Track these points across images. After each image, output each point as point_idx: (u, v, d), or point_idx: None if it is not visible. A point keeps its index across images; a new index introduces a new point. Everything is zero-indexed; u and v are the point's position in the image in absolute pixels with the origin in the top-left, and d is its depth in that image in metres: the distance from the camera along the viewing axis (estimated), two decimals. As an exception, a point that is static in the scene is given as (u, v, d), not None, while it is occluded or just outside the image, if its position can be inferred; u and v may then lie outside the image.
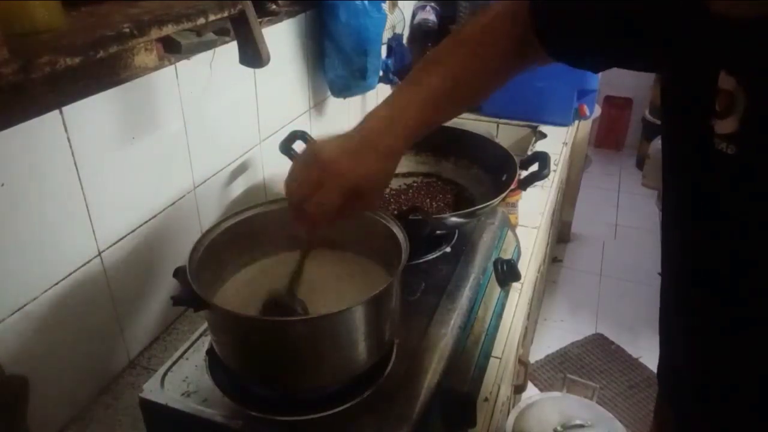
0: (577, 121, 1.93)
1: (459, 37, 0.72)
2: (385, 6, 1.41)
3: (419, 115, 0.65)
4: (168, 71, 0.88)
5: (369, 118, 0.66)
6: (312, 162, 0.63)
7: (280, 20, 1.16)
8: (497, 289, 1.00)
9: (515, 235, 1.16)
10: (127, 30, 0.63)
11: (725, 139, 0.46)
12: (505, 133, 1.84)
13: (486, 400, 0.94)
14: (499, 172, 1.08)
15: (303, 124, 1.31)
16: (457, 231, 1.04)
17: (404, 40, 1.84)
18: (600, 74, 1.88)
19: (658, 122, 2.96)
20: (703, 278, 0.55)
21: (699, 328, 0.58)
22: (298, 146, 1.11)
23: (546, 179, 1.10)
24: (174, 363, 0.76)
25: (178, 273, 0.68)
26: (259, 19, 0.86)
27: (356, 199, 0.62)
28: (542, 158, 1.06)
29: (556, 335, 2.40)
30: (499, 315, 0.98)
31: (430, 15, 1.92)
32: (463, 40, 0.71)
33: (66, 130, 0.72)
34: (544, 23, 0.65)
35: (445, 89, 0.67)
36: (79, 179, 0.75)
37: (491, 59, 0.69)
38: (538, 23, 0.65)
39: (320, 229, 0.66)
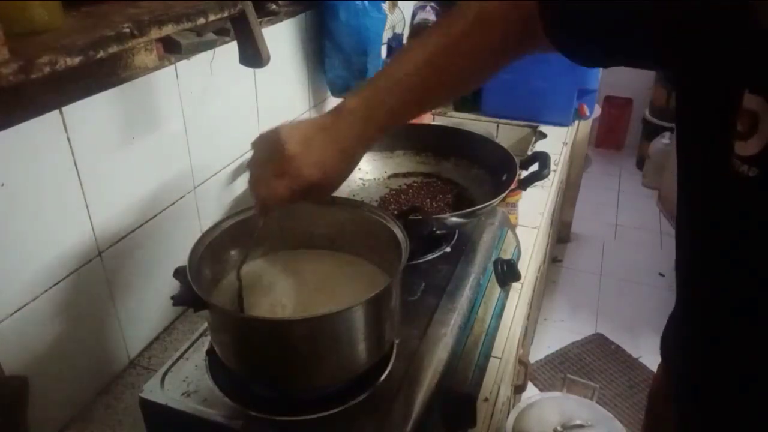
0: (577, 121, 1.93)
1: (446, 20, 0.68)
2: (385, 6, 1.41)
3: (395, 106, 0.64)
4: (168, 71, 0.88)
5: (343, 105, 0.65)
6: (276, 150, 0.63)
7: (280, 20, 1.16)
8: (497, 289, 1.00)
9: (515, 235, 1.16)
10: (127, 30, 0.63)
11: (746, 161, 0.44)
12: (505, 133, 1.84)
13: (486, 400, 0.94)
14: (499, 172, 1.08)
15: (303, 124, 1.31)
16: (457, 231, 1.04)
17: (404, 40, 1.84)
18: (600, 74, 1.89)
19: (658, 122, 2.97)
20: (721, 303, 0.53)
21: (714, 356, 0.57)
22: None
23: (546, 179, 1.11)
24: (174, 363, 0.76)
25: (178, 273, 0.67)
26: (259, 19, 0.86)
27: (309, 194, 0.65)
28: (542, 158, 1.07)
29: (556, 335, 2.40)
30: (499, 315, 0.98)
31: (430, 15, 1.92)
32: (451, 22, 0.67)
33: (66, 130, 0.72)
34: (554, 13, 0.61)
35: (425, 77, 0.65)
36: (79, 179, 0.75)
37: (481, 46, 0.66)
38: (547, 21, 0.61)
39: (269, 212, 0.68)
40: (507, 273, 1.00)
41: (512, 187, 1.00)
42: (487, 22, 0.65)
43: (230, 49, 0.96)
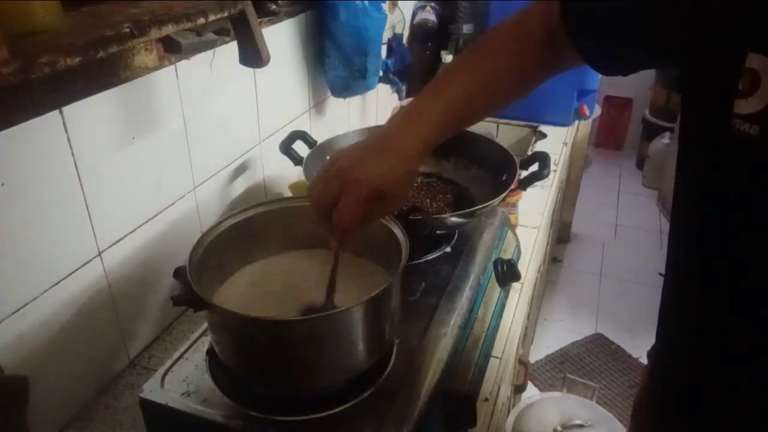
0: (577, 121, 1.93)
1: (483, 43, 0.72)
2: (385, 6, 1.41)
3: (438, 119, 0.66)
4: (168, 71, 0.88)
5: (388, 123, 0.67)
6: (331, 171, 0.64)
7: (280, 20, 1.16)
8: (497, 289, 1.00)
9: (515, 235, 1.16)
10: (127, 30, 0.63)
11: (748, 119, 0.45)
12: (505, 133, 1.84)
13: (486, 400, 0.94)
14: (499, 172, 1.08)
15: (303, 124, 1.31)
16: (457, 231, 1.04)
17: (404, 40, 1.84)
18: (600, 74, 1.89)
19: (658, 122, 2.97)
20: (716, 273, 0.54)
21: (700, 327, 0.58)
22: (298, 146, 1.11)
23: (546, 179, 1.10)
24: (174, 363, 0.76)
25: (178, 273, 0.68)
26: (259, 19, 0.86)
27: (378, 202, 0.63)
28: (542, 158, 1.06)
29: (556, 335, 2.40)
30: (499, 315, 0.98)
31: (430, 15, 1.92)
32: (487, 45, 0.71)
33: (66, 130, 0.72)
34: (577, 24, 0.64)
35: (464, 97, 0.68)
36: (79, 179, 0.75)
37: (515, 65, 0.69)
38: (570, 24, 0.64)
39: (349, 235, 0.66)
40: (507, 273, 1.00)
41: (512, 187, 1.00)
42: (525, 26, 0.69)
43: (230, 49, 0.96)
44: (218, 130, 1.03)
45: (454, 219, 0.97)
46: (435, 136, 0.66)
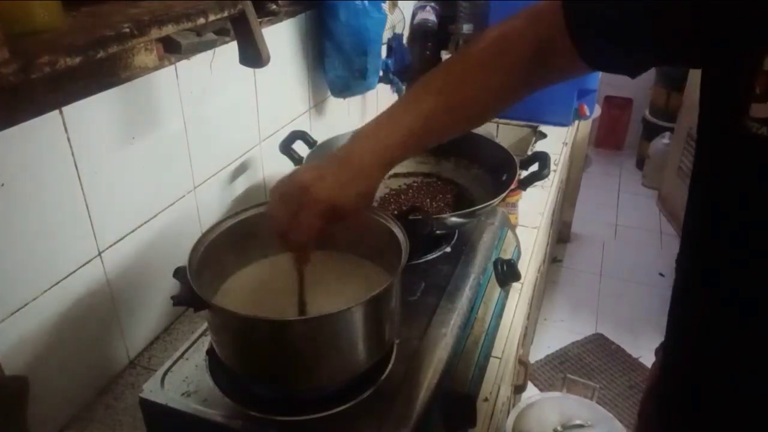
0: (577, 121, 1.93)
1: (459, 58, 0.69)
2: (385, 6, 1.41)
3: (402, 138, 0.64)
4: (168, 71, 0.88)
5: (354, 137, 0.66)
6: (290, 188, 0.63)
7: (280, 20, 1.16)
8: (497, 289, 1.00)
9: (515, 235, 1.16)
10: (127, 30, 0.63)
11: (764, 122, 0.45)
12: (505, 133, 1.84)
13: (486, 400, 0.94)
14: (499, 172, 1.08)
15: (303, 124, 1.31)
16: (457, 231, 1.04)
17: (404, 40, 1.84)
18: (600, 74, 1.89)
19: (658, 122, 2.97)
20: (726, 273, 0.54)
21: (710, 327, 0.57)
22: (298, 146, 1.11)
23: (546, 179, 1.11)
24: (174, 363, 0.76)
25: (178, 273, 0.68)
26: (259, 19, 0.86)
27: (336, 218, 0.63)
28: (542, 158, 1.07)
29: (556, 335, 2.40)
30: (499, 315, 0.98)
31: (430, 15, 1.92)
32: (464, 61, 0.68)
33: (66, 130, 0.72)
34: (579, 22, 0.61)
35: (433, 115, 0.65)
36: (79, 179, 0.75)
37: (502, 73, 0.66)
38: (573, 23, 0.61)
39: (307, 250, 0.67)
40: (507, 273, 1.00)
41: (512, 187, 1.00)
42: (504, 43, 0.65)
43: (230, 49, 0.96)
44: (218, 130, 1.03)
45: (454, 219, 0.97)
46: (399, 153, 0.65)
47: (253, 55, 0.86)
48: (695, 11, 0.50)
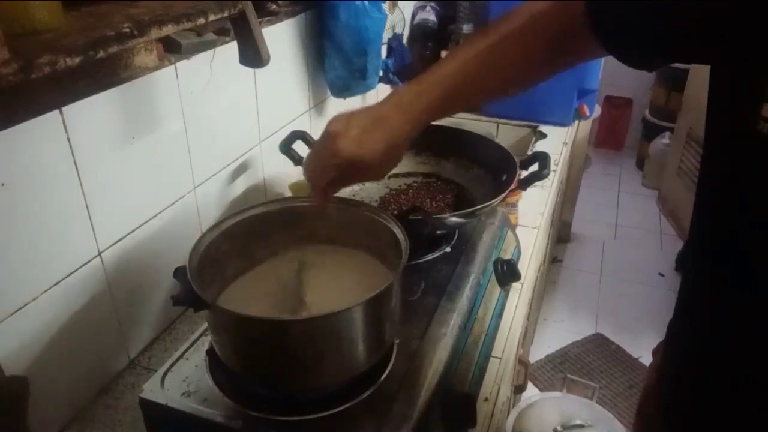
0: (577, 121, 1.93)
1: (493, 26, 0.71)
2: (385, 6, 1.41)
3: (442, 95, 0.67)
4: (168, 71, 0.88)
5: (392, 93, 0.69)
6: (324, 133, 0.67)
7: (280, 20, 1.16)
8: (497, 289, 1.00)
9: (515, 235, 1.16)
10: (127, 30, 0.63)
11: None
12: (505, 133, 1.84)
13: (486, 400, 0.94)
14: (499, 172, 1.08)
15: (303, 124, 1.31)
16: (457, 231, 1.04)
17: (404, 40, 1.84)
18: (600, 74, 1.89)
19: (658, 122, 2.95)
20: (735, 273, 0.53)
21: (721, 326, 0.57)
22: (298, 146, 1.11)
23: (546, 179, 1.10)
24: (174, 363, 0.76)
25: (178, 273, 0.68)
26: (259, 19, 0.86)
27: (354, 172, 0.67)
28: (542, 158, 1.07)
29: (556, 335, 2.40)
30: (499, 315, 0.98)
31: (430, 15, 1.92)
32: (496, 29, 0.70)
33: (66, 130, 0.72)
34: (601, 10, 0.61)
35: (468, 74, 0.68)
36: (79, 179, 0.75)
37: (522, 52, 0.69)
38: (595, 18, 0.62)
39: (324, 196, 0.71)
40: (507, 273, 1.00)
41: (512, 187, 1.00)
42: (537, 22, 0.67)
43: (230, 49, 0.96)
44: (218, 130, 1.03)
45: (454, 219, 0.97)
46: (425, 116, 0.68)
47: (253, 55, 0.86)
48: (714, 11, 0.50)
